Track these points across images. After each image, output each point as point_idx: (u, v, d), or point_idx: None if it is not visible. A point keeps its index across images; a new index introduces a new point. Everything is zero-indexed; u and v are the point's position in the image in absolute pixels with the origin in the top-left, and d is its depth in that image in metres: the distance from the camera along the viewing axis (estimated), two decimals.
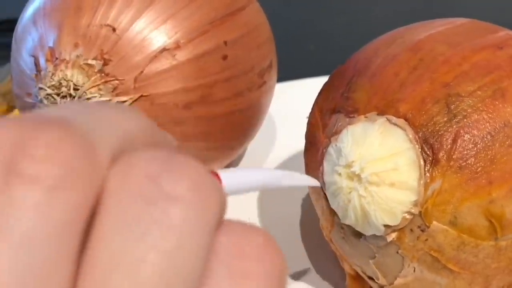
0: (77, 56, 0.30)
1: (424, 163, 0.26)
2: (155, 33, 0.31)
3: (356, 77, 0.29)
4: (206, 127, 0.33)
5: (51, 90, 0.30)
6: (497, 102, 0.26)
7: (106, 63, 0.30)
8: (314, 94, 0.32)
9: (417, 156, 0.26)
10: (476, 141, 0.26)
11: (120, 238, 0.10)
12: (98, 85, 0.30)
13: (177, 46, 0.31)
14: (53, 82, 0.30)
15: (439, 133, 0.26)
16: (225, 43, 0.33)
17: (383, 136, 0.26)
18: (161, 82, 0.31)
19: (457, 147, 0.26)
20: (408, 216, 0.26)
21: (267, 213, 0.38)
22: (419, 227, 0.26)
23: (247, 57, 0.34)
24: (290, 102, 0.44)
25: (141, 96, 0.31)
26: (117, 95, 0.30)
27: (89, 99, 0.30)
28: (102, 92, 0.30)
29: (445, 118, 0.26)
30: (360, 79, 0.29)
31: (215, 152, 0.35)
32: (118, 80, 0.30)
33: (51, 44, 0.31)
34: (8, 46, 0.34)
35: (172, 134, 0.15)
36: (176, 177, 0.11)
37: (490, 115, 0.26)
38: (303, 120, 0.32)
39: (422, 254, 0.26)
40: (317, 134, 0.30)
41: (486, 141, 0.26)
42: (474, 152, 0.26)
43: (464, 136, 0.26)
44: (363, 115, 0.27)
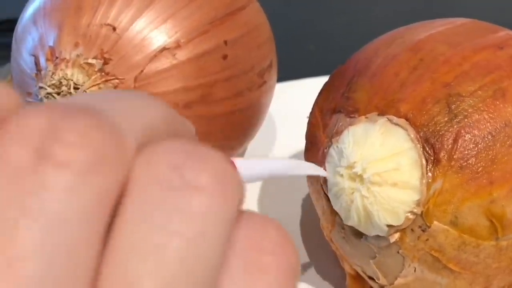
0: (77, 55, 0.30)
1: (426, 163, 0.26)
2: (155, 33, 0.31)
3: (357, 77, 0.29)
4: (206, 127, 0.33)
5: (52, 89, 0.30)
6: (498, 102, 0.26)
7: (106, 62, 0.30)
8: (314, 94, 0.32)
9: (419, 156, 0.26)
10: (477, 141, 0.26)
11: (143, 225, 0.11)
12: (98, 84, 0.30)
13: (177, 46, 0.31)
14: (54, 81, 0.30)
15: (440, 133, 0.26)
16: (225, 43, 0.33)
17: (384, 136, 0.26)
18: (161, 82, 0.31)
19: (458, 147, 0.26)
20: (411, 216, 0.26)
21: (267, 213, 0.38)
22: (420, 227, 0.26)
23: (247, 57, 0.34)
24: (290, 102, 0.44)
25: None
26: None
27: None
28: None
29: (446, 118, 0.26)
30: (361, 79, 0.29)
31: None
32: (118, 79, 0.30)
33: (52, 44, 0.31)
34: (8, 46, 0.34)
35: None
36: (199, 168, 0.11)
37: (491, 115, 0.26)
38: (303, 120, 0.32)
39: (423, 254, 0.26)
40: (318, 134, 0.30)
41: (487, 141, 0.26)
42: (475, 152, 0.26)
43: (465, 136, 0.26)
44: (364, 116, 0.27)
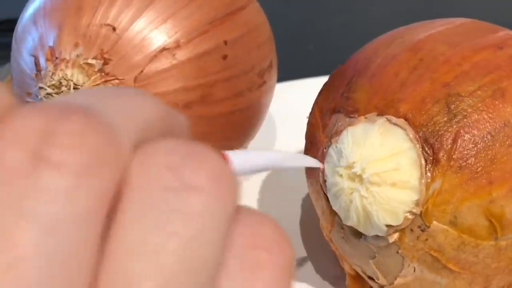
0: (77, 56, 0.30)
1: (425, 163, 0.26)
2: (155, 33, 0.31)
3: (356, 77, 0.29)
4: (206, 127, 0.33)
5: (51, 90, 0.30)
6: (497, 102, 0.26)
7: (106, 63, 0.30)
8: (314, 94, 0.32)
9: (418, 156, 0.26)
10: (476, 141, 0.26)
11: (141, 226, 0.11)
12: (98, 84, 0.30)
13: (177, 46, 0.31)
14: (53, 82, 0.30)
15: (439, 133, 0.26)
16: (225, 43, 0.33)
17: (384, 137, 0.26)
18: (161, 82, 0.31)
19: (457, 147, 0.26)
20: (410, 216, 0.26)
21: (267, 213, 0.38)
22: (419, 227, 0.26)
23: (247, 57, 0.34)
24: (290, 102, 0.44)
25: None
26: None
27: None
28: None
29: (445, 118, 0.26)
30: (360, 79, 0.29)
31: None
32: (118, 80, 0.30)
33: (51, 44, 0.31)
34: (8, 46, 0.34)
35: None
36: (196, 168, 0.11)
37: (490, 115, 0.26)
38: (303, 120, 0.32)
39: (422, 254, 0.26)
40: (317, 134, 0.30)
41: (486, 141, 0.26)
42: (474, 152, 0.26)
43: (464, 136, 0.26)
44: (363, 116, 0.27)
